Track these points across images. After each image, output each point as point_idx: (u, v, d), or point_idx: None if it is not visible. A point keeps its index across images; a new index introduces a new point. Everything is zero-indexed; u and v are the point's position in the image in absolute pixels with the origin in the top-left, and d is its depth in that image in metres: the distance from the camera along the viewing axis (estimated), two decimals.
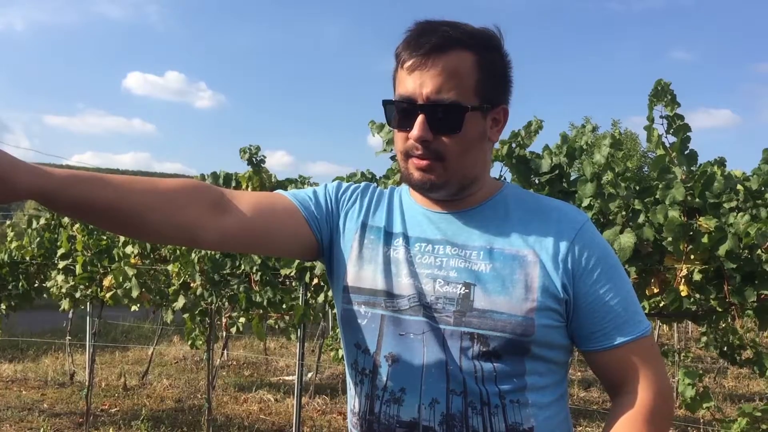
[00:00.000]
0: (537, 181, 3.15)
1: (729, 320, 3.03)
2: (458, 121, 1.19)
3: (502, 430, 1.19)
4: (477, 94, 1.21)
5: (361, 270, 1.30)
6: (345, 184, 1.41)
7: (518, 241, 1.24)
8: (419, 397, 1.20)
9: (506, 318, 1.18)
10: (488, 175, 1.34)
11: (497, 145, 3.08)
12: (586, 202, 3.01)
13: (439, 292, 1.22)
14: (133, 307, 5.41)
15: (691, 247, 2.82)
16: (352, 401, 1.33)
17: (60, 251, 5.74)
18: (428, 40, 1.18)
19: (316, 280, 4.40)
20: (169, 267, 4.98)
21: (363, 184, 1.42)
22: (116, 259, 5.28)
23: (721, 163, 3.43)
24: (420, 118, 1.19)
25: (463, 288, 1.21)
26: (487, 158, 1.32)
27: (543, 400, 1.23)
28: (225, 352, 8.91)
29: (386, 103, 1.26)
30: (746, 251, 2.76)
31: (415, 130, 1.19)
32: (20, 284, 6.46)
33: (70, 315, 7.55)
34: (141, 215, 1.15)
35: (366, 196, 1.39)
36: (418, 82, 1.19)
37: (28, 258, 6.31)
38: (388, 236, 1.31)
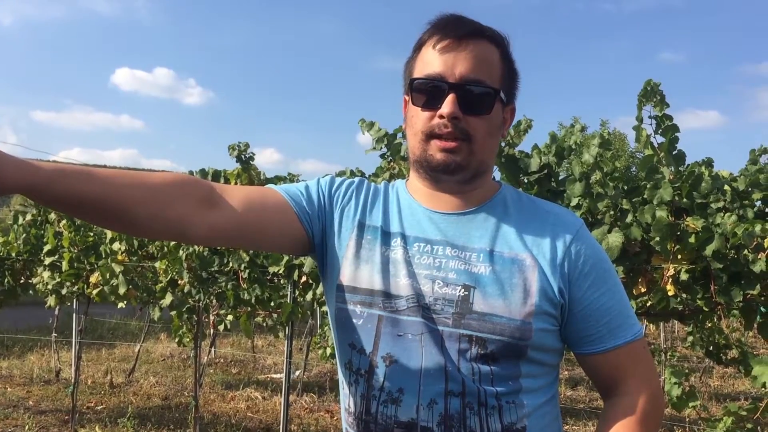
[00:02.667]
0: (526, 181, 3.15)
1: (715, 320, 3.05)
2: (489, 103, 1.22)
3: (498, 430, 1.19)
4: (502, 85, 1.24)
5: (358, 270, 1.29)
6: (338, 180, 1.39)
7: (517, 244, 1.24)
8: (417, 397, 1.20)
9: (505, 322, 1.18)
10: (492, 172, 1.35)
11: None
12: (574, 202, 3.02)
13: (438, 294, 1.22)
14: (120, 304, 5.38)
15: (678, 246, 2.83)
16: (346, 400, 1.32)
17: (46, 247, 5.69)
18: (462, 25, 1.22)
19: (304, 278, 4.38)
20: (157, 264, 4.95)
21: (357, 179, 1.40)
22: (103, 256, 5.24)
23: (708, 163, 3.44)
24: (451, 97, 1.20)
25: (463, 290, 1.21)
26: (496, 152, 1.34)
27: (536, 401, 1.23)
28: (212, 349, 8.88)
29: (412, 81, 1.25)
30: (733, 251, 2.78)
31: (446, 107, 1.19)
32: (6, 280, 6.41)
33: (56, 312, 7.51)
34: (129, 210, 1.13)
35: (361, 193, 1.37)
36: (450, 63, 1.21)
37: (13, 254, 6.26)
38: (386, 236, 1.30)
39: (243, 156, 4.64)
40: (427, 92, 1.23)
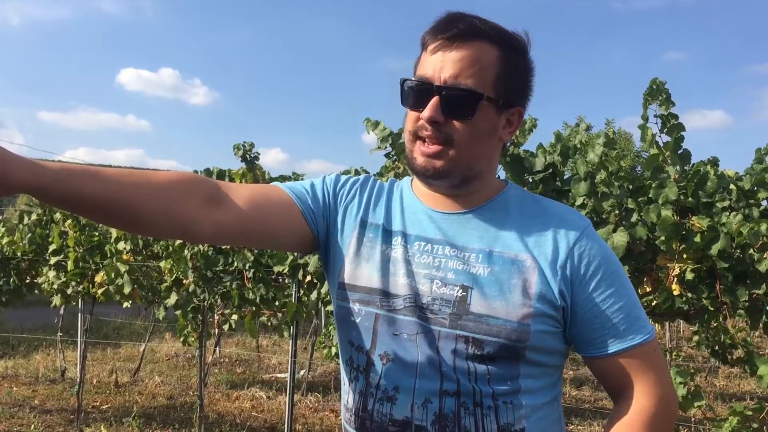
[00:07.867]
0: (530, 180, 3.15)
1: (720, 319, 3.03)
2: (472, 108, 1.19)
3: (494, 430, 1.18)
4: (494, 87, 1.20)
5: (358, 268, 1.29)
6: (344, 178, 1.39)
7: (518, 245, 1.23)
8: (412, 396, 1.20)
9: (502, 323, 1.17)
10: (493, 175, 1.32)
11: None
12: (579, 201, 3.02)
13: (436, 293, 1.21)
14: (125, 304, 5.39)
15: (683, 246, 2.82)
16: (346, 396, 1.33)
17: (51, 247, 5.71)
18: (456, 26, 1.19)
19: (309, 278, 4.39)
20: (162, 263, 4.96)
21: (363, 177, 1.40)
22: (108, 256, 5.25)
23: (714, 162, 3.44)
24: (434, 100, 1.18)
25: (461, 291, 1.20)
26: (495, 156, 1.30)
27: (536, 402, 1.22)
28: (217, 349, 8.90)
29: (403, 81, 1.25)
30: (738, 251, 2.77)
31: (427, 111, 1.19)
32: (11, 280, 6.42)
33: (62, 311, 7.52)
34: (135, 209, 1.14)
35: (365, 190, 1.37)
36: (438, 65, 1.19)
37: (19, 254, 6.27)
38: (387, 234, 1.30)
39: (248, 155, 4.65)
40: (414, 93, 1.23)
